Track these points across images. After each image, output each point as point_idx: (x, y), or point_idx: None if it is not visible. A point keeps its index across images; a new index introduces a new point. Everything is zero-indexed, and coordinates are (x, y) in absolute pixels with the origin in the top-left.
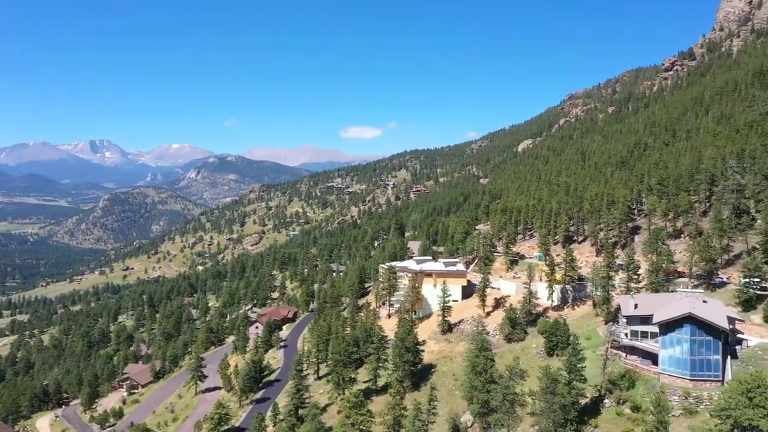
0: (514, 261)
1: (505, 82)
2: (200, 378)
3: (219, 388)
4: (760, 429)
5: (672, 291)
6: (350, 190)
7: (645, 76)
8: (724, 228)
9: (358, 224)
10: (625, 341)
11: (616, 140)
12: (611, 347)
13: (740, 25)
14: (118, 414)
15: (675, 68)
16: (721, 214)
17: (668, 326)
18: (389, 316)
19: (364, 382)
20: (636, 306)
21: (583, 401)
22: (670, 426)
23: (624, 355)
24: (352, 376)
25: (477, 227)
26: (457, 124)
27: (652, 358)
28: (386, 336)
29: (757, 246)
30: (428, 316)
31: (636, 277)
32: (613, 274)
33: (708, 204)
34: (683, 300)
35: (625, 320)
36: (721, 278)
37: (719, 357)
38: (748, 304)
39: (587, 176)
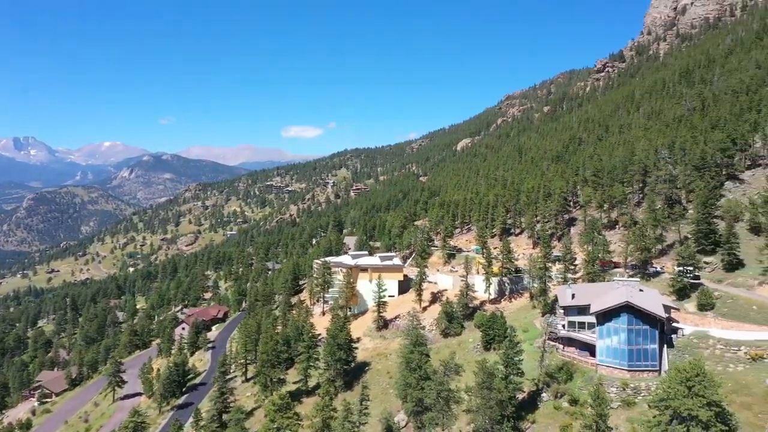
0: (451, 255)
1: (444, 83)
2: (118, 384)
3: (140, 394)
4: (699, 419)
5: (609, 281)
6: (290, 189)
7: (578, 77)
8: (658, 218)
9: (297, 222)
10: (563, 333)
11: (552, 137)
12: (548, 339)
13: (666, 29)
14: (26, 426)
15: (606, 70)
16: (654, 204)
17: (605, 316)
18: (323, 313)
19: (295, 382)
20: (573, 296)
21: (520, 396)
22: (608, 419)
23: (561, 347)
24: (281, 376)
25: (415, 223)
26: (398, 125)
27: (590, 349)
28: (319, 334)
29: (689, 235)
30: (364, 312)
31: (573, 267)
32: (550, 265)
33: (642, 195)
34: (620, 289)
35: (562, 311)
36: (656, 268)
37: (656, 346)
38: (682, 292)
39: (524, 170)
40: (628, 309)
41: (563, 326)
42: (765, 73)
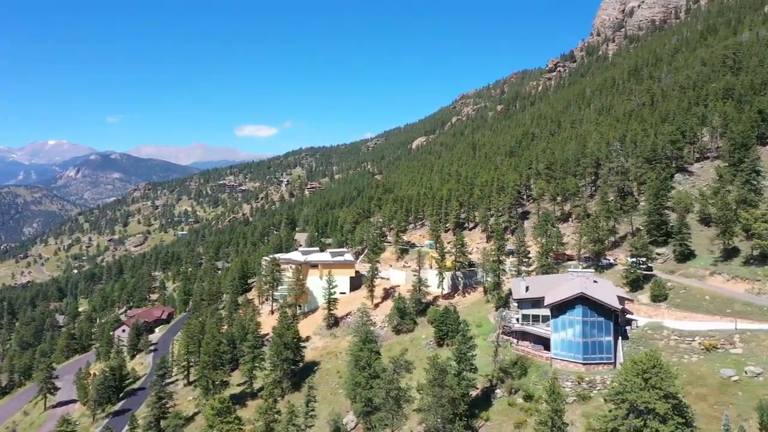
0: (404, 250)
1: (399, 83)
2: (50, 391)
3: (76, 401)
4: (656, 412)
5: (563, 273)
6: (243, 188)
7: (531, 77)
8: (611, 209)
9: (250, 221)
10: (517, 326)
11: (505, 133)
12: (502, 333)
13: (615, 30)
14: None
15: (558, 69)
16: (607, 196)
17: (560, 308)
18: (272, 312)
19: (239, 385)
20: (527, 289)
21: (473, 393)
22: (564, 414)
23: (516, 341)
24: (224, 379)
25: (369, 219)
26: (354, 124)
27: (544, 342)
28: (266, 333)
29: (642, 227)
30: (314, 310)
31: (526, 260)
32: (503, 258)
33: (594, 187)
34: (575, 280)
35: (516, 304)
36: (609, 260)
37: (611, 338)
38: (635, 284)
39: (478, 165)
40: (582, 300)
41: (517, 320)
42: (710, 70)
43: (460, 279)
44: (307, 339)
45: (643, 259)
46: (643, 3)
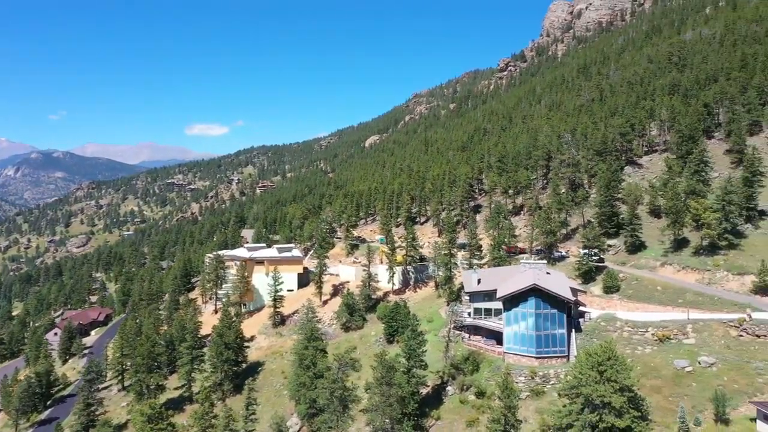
0: (354, 245)
1: (353, 82)
2: None
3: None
4: (612, 405)
5: (516, 265)
6: (193, 187)
7: (483, 76)
8: (562, 201)
9: (199, 220)
10: (468, 321)
11: (458, 129)
12: (454, 328)
13: (564, 32)
14: None
15: (509, 69)
16: (558, 188)
17: (512, 301)
18: (215, 311)
19: (177, 389)
20: (479, 281)
21: (424, 391)
22: (517, 411)
23: (467, 335)
24: (160, 382)
25: (320, 216)
26: (307, 123)
27: (497, 337)
28: (208, 334)
29: (593, 219)
30: (260, 308)
31: (478, 254)
32: (455, 251)
33: (546, 180)
34: (527, 272)
35: (468, 298)
36: (561, 252)
37: (564, 331)
38: (587, 276)
39: (430, 160)
40: (535, 292)
41: (469, 314)
42: (656, 67)
43: (411, 274)
44: (252, 339)
45: (595, 251)
46: (591, 5)
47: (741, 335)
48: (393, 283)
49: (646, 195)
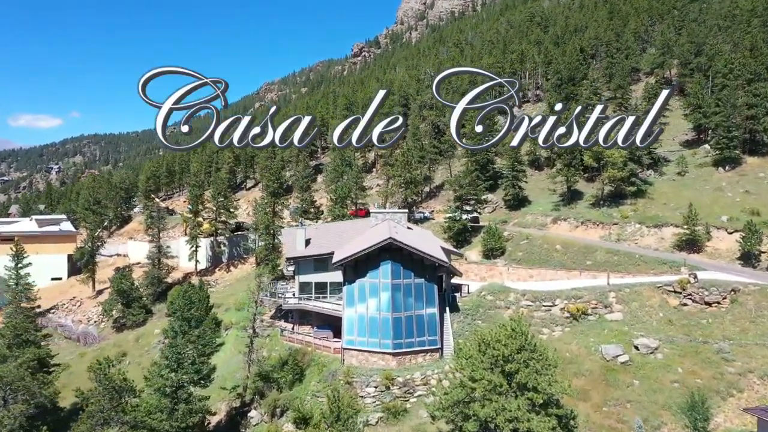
0: (160, 218)
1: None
2: None
3: None
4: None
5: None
6: (6, 179)
7: (337, 64)
8: (425, 149)
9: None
10: (292, 303)
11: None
12: (272, 317)
13: (417, 20)
14: None
15: (363, 54)
16: (419, 134)
17: (357, 268)
18: None
19: None
20: (308, 242)
21: (214, 419)
22: None
23: (291, 326)
24: None
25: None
26: (149, 112)
27: (335, 326)
28: None
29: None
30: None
31: (314, 210)
32: (280, 209)
33: (405, 128)
34: (379, 225)
35: (291, 268)
36: (423, 212)
37: (435, 310)
38: (460, 237)
39: None
40: (392, 254)
41: (294, 294)
42: (519, 30)
43: (223, 248)
44: None
45: (470, 206)
46: None
47: (685, 304)
48: (196, 261)
49: (528, 144)
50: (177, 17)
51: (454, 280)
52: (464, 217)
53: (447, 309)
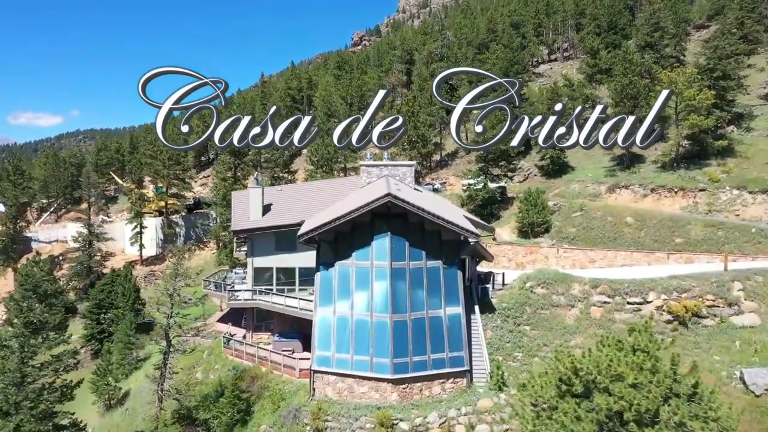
0: (112, 198)
1: (206, 69)
2: None
3: None
4: None
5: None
6: None
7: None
8: (434, 103)
9: None
10: (242, 299)
11: None
12: (224, 319)
13: (420, 8)
14: None
15: (363, 43)
16: (429, 90)
17: (338, 245)
18: None
19: None
20: (269, 208)
21: None
22: None
23: (243, 334)
24: None
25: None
26: (152, 109)
27: (304, 332)
28: None
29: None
30: None
31: (289, 177)
32: (249, 176)
33: (409, 83)
34: (374, 183)
35: (245, 247)
36: (433, 184)
37: (461, 310)
38: (485, 210)
39: None
40: (392, 222)
41: (248, 285)
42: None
43: (177, 229)
44: None
45: (499, 169)
46: None
47: None
48: (141, 244)
49: (562, 94)
50: (175, 14)
51: (482, 268)
52: (491, 185)
53: (476, 308)
